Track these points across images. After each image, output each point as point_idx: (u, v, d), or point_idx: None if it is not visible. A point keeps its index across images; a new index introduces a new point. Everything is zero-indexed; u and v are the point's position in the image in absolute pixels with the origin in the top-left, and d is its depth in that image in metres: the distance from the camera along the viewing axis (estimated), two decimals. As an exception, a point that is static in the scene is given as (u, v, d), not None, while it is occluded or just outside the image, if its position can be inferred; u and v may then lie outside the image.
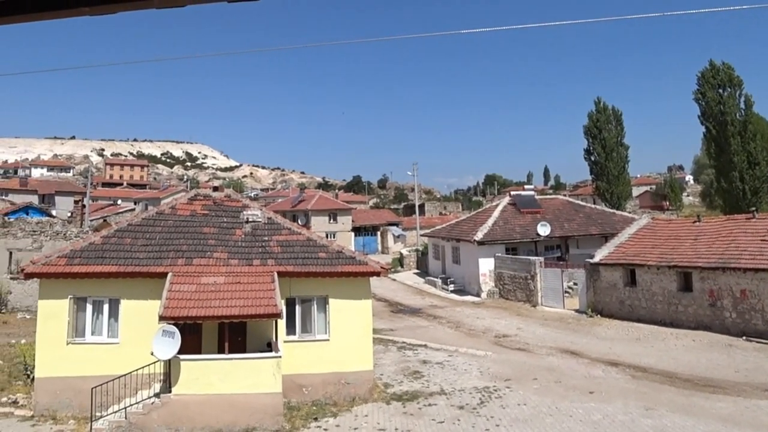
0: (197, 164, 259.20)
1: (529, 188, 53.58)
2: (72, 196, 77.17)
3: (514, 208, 41.94)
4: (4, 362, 21.76)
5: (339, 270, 18.41)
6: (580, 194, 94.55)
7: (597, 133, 62.70)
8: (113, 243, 18.32)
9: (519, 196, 44.02)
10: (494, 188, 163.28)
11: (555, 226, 39.12)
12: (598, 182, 63.75)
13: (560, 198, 49.59)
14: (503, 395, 17.93)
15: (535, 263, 34.07)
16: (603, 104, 63.69)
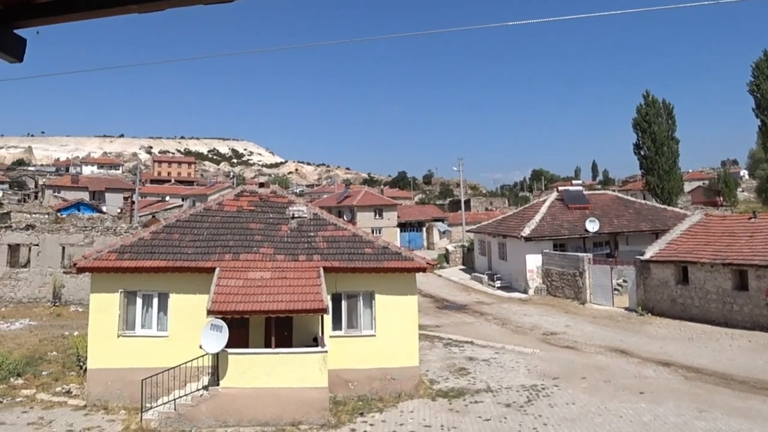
0: (243, 161, 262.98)
1: (577, 183, 52.63)
2: (121, 193, 79.07)
3: (561, 203, 41.27)
4: (58, 353, 22.32)
5: (385, 266, 18.30)
6: (630, 189, 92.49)
7: (646, 127, 61.10)
8: (162, 238, 18.59)
9: (567, 192, 43.28)
10: (541, 183, 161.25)
11: (604, 222, 38.33)
12: (648, 177, 62.14)
13: (609, 193, 48.66)
14: (551, 394, 17.58)
15: (584, 260, 33.41)
16: (652, 98, 62.01)
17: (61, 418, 16.05)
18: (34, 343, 24.16)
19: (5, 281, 33.66)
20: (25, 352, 22.14)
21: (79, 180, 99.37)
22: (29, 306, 32.84)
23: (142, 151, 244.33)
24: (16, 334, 26.18)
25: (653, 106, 61.62)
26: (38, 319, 29.61)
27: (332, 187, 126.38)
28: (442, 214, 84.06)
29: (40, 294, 33.70)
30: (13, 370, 19.39)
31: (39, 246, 34.38)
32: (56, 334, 25.90)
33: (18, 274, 34.11)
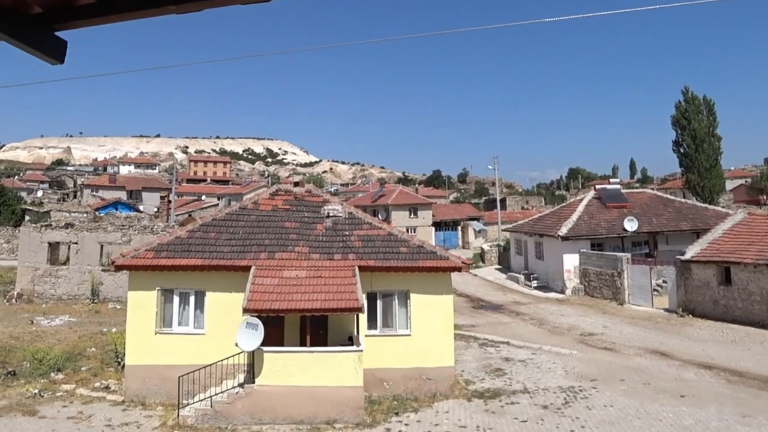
0: (278, 160, 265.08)
1: (614, 182, 51.67)
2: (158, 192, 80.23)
3: (599, 202, 40.65)
4: (97, 349, 22.72)
5: (420, 265, 18.21)
6: (669, 188, 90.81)
7: (686, 124, 59.80)
8: (198, 237, 18.78)
9: (604, 190, 42.58)
10: (578, 182, 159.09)
11: (643, 221, 37.65)
12: (688, 175, 60.84)
13: (648, 192, 47.70)
14: (589, 396, 17.30)
15: (622, 260, 32.84)
16: (691, 94, 60.64)
17: (100, 412, 16.33)
18: (73, 339, 24.62)
19: (46, 278, 34.36)
20: (65, 347, 22.56)
21: (117, 179, 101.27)
22: (69, 303, 33.47)
23: (178, 150, 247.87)
24: (56, 330, 26.72)
25: (693, 103, 60.30)
26: (77, 316, 30.16)
27: (367, 186, 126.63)
28: (477, 213, 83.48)
29: (79, 291, 34.32)
30: (53, 366, 19.78)
31: (78, 244, 34.99)
32: (95, 330, 26.35)
33: (58, 272, 34.78)
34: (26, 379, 18.89)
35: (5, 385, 18.33)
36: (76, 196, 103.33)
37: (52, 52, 2.99)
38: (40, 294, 34.08)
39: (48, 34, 2.93)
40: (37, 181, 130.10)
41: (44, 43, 2.92)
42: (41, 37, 2.90)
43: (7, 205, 67.82)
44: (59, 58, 3.03)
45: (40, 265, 34.58)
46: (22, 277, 34.43)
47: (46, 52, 2.95)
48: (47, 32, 2.92)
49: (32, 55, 2.91)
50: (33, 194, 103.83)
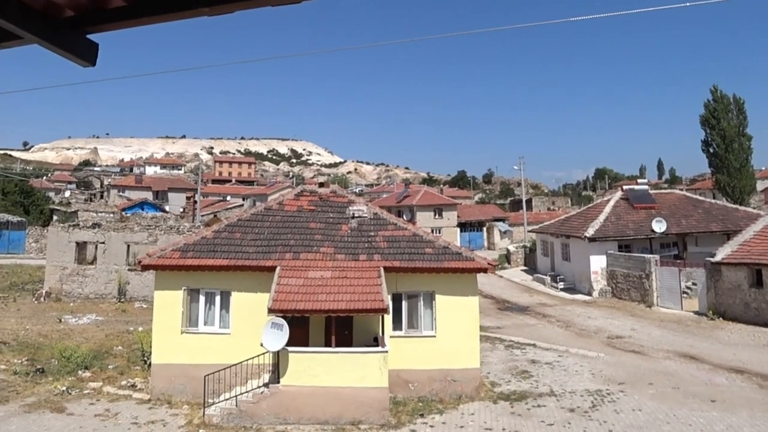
0: (302, 161, 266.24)
1: (642, 182, 50.87)
2: (184, 193, 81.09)
3: (626, 203, 40.13)
4: (124, 348, 22.96)
5: (445, 266, 18.11)
6: (698, 188, 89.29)
7: (715, 124, 58.67)
8: (224, 237, 18.88)
9: (632, 191, 41.99)
10: (605, 182, 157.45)
11: (671, 223, 37.08)
12: (717, 176, 59.69)
13: (676, 192, 47.01)
14: (617, 399, 17.07)
15: (650, 261, 32.39)
16: (720, 93, 59.44)
17: (127, 410, 16.49)
18: (100, 337, 24.90)
19: (73, 277, 34.78)
20: (92, 346, 22.82)
21: (143, 180, 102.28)
22: (96, 302, 33.84)
23: (203, 151, 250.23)
24: (83, 328, 27.03)
25: (722, 102, 59.16)
26: (104, 315, 30.49)
27: (391, 187, 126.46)
28: (502, 214, 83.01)
29: (106, 290, 34.66)
30: (81, 363, 20.02)
31: (105, 244, 35.33)
32: (121, 329, 26.63)
33: (85, 271, 35.16)
34: (54, 376, 19.14)
35: (34, 382, 18.61)
36: (102, 196, 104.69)
37: (84, 54, 3.01)
38: (67, 293, 34.49)
39: (80, 36, 2.95)
40: (64, 181, 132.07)
41: (76, 46, 2.95)
42: (73, 40, 2.92)
43: (35, 205, 68.89)
44: (91, 60, 3.06)
45: (68, 264, 34.98)
46: (51, 276, 34.87)
47: (79, 55, 2.97)
48: (79, 35, 2.94)
49: (65, 57, 2.94)
50: (61, 194, 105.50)
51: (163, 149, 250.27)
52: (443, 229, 68.00)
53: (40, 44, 2.80)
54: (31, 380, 18.81)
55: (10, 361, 20.86)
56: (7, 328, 26.25)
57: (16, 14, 2.65)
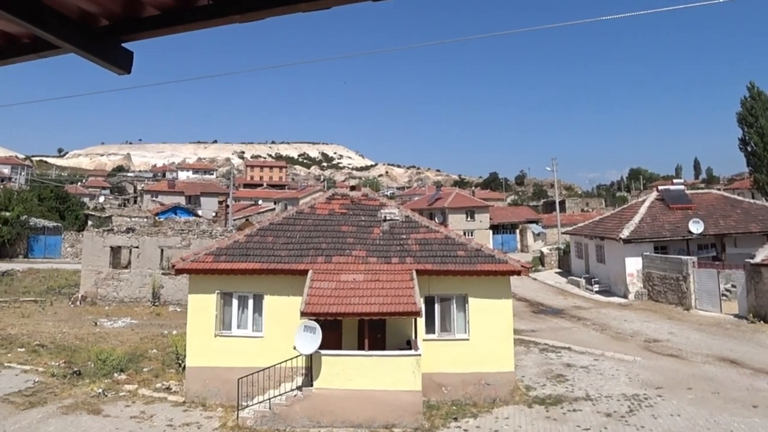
0: (333, 164, 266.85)
1: (678, 182, 49.93)
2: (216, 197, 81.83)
3: (662, 203, 39.40)
4: (158, 351, 23.21)
5: (478, 268, 17.97)
6: (737, 188, 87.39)
7: (753, 122, 57.28)
8: (256, 241, 18.99)
9: (667, 191, 41.21)
10: (639, 183, 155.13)
11: (709, 223, 36.29)
12: (756, 175, 58.28)
13: (714, 192, 45.99)
14: (654, 404, 16.76)
15: (688, 263, 31.74)
16: (757, 90, 57.95)
17: (162, 412, 16.69)
18: (135, 340, 25.21)
19: (108, 281, 35.28)
20: (128, 349, 23.12)
21: (176, 185, 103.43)
22: (130, 305, 34.31)
23: (234, 156, 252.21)
24: (118, 331, 27.43)
25: (759, 99, 57.73)
26: (139, 318, 30.92)
27: (423, 189, 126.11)
28: (535, 216, 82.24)
29: (140, 294, 35.10)
30: (116, 366, 20.32)
31: (139, 248, 35.80)
32: (156, 332, 26.96)
33: (120, 275, 35.65)
34: (91, 378, 19.45)
35: (71, 384, 18.94)
36: (136, 201, 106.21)
37: (120, 62, 3.08)
38: (103, 296, 35.01)
39: (115, 45, 3.01)
40: (98, 187, 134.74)
41: (112, 55, 3.01)
42: (109, 49, 2.99)
43: (70, 211, 70.10)
44: (126, 68, 3.11)
45: (103, 268, 35.48)
46: (86, 280, 35.44)
47: (115, 63, 3.04)
48: (115, 44, 3.00)
49: (101, 66, 2.99)
50: (95, 200, 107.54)
51: (195, 154, 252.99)
52: (475, 232, 67.53)
53: (78, 53, 2.85)
54: (68, 382, 19.15)
55: (47, 363, 21.28)
56: (45, 331, 26.77)
57: (55, 25, 2.71)
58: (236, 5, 2.69)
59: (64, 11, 2.79)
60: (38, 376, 19.91)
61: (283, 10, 2.65)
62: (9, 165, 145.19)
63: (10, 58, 3.18)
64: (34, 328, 27.52)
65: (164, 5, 2.80)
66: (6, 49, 3.19)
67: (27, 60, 3.20)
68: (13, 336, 25.62)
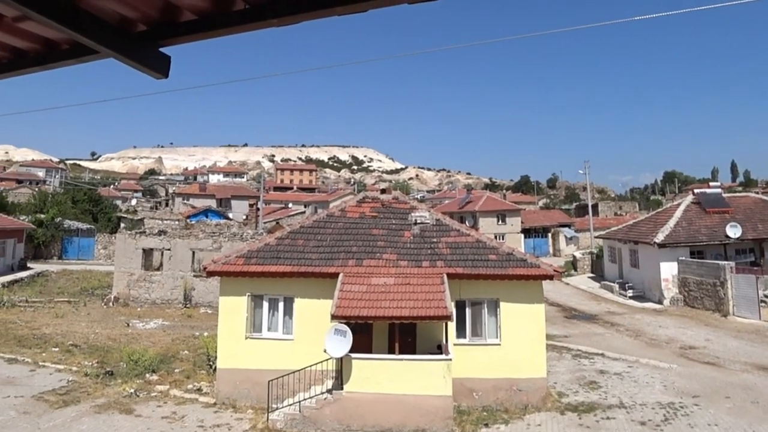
0: (363, 167, 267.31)
1: (714, 185, 48.99)
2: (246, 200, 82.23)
3: (698, 207, 38.65)
4: (189, 352, 23.44)
5: (510, 272, 17.79)
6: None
7: (793, 123, 56.04)
8: (287, 244, 19.05)
9: (703, 194, 40.40)
10: (674, 186, 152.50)
11: (747, 228, 35.50)
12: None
13: (752, 196, 44.96)
14: (690, 413, 16.37)
15: (725, 268, 31.03)
16: (797, 90, 56.75)
17: (193, 413, 16.83)
18: (167, 342, 25.50)
19: (140, 283, 35.77)
20: (159, 350, 23.38)
21: (207, 188, 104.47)
22: (162, 307, 34.76)
23: (264, 159, 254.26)
24: (150, 332, 27.79)
25: (799, 100, 56.46)
26: (170, 320, 31.29)
27: (453, 193, 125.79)
28: (568, 220, 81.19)
29: (171, 296, 35.54)
30: (148, 367, 20.56)
31: (171, 250, 36.24)
32: (187, 334, 27.25)
33: (152, 277, 36.14)
34: (123, 378, 19.71)
35: (104, 384, 19.20)
36: (168, 204, 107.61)
37: (158, 67, 3.09)
38: (135, 298, 35.51)
39: (153, 50, 3.03)
40: (131, 190, 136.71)
41: (150, 59, 3.03)
42: (147, 54, 3.01)
43: (103, 213, 71.18)
44: (164, 72, 3.14)
45: (135, 270, 36.01)
46: (119, 282, 35.98)
47: (152, 68, 3.06)
48: (152, 48, 3.02)
49: (139, 70, 3.02)
50: (127, 203, 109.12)
51: (225, 158, 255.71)
52: (507, 236, 67.00)
53: (117, 58, 2.89)
54: (101, 382, 19.42)
55: (81, 363, 21.63)
56: (78, 331, 27.23)
57: (95, 30, 2.74)
58: (273, 9, 2.69)
59: (104, 17, 2.82)
60: (72, 375, 20.24)
61: (319, 13, 2.64)
62: (44, 168, 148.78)
63: (50, 63, 3.23)
64: (68, 328, 28.02)
65: (201, 10, 2.81)
66: (47, 55, 3.23)
67: (66, 65, 3.24)
68: (47, 336, 26.10)
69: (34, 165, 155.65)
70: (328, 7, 2.60)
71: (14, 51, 3.29)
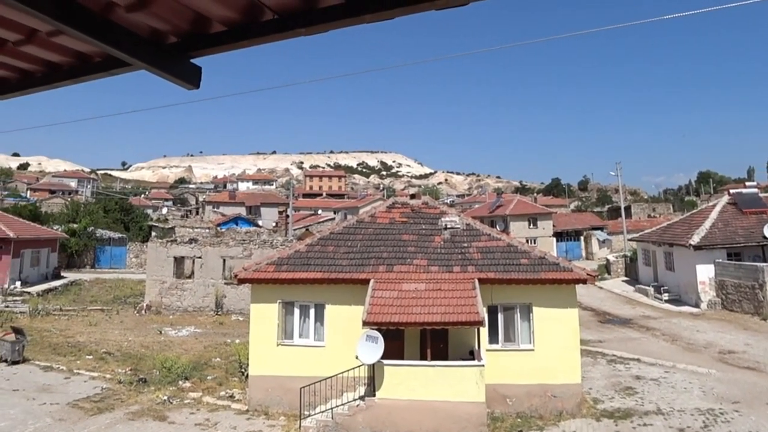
0: (392, 173, 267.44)
1: (750, 185, 47.85)
2: (276, 207, 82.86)
3: (734, 208, 37.80)
4: (222, 359, 23.60)
5: (542, 277, 17.57)
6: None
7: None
8: (317, 251, 19.08)
9: (740, 195, 39.52)
10: (709, 186, 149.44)
11: (786, 228, 34.66)
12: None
13: (791, 195, 43.99)
14: (731, 420, 15.98)
15: (764, 270, 30.25)
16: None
17: (225, 420, 16.91)
18: (199, 349, 25.70)
19: (172, 291, 36.12)
20: (192, 357, 23.59)
21: (236, 196, 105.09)
22: (194, 314, 35.05)
23: (293, 166, 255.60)
24: (183, 340, 28.05)
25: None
26: (202, 327, 31.52)
27: (483, 197, 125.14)
28: (600, 222, 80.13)
29: (203, 303, 35.79)
30: (181, 374, 20.75)
31: (201, 258, 36.55)
32: (219, 341, 27.42)
33: (183, 285, 36.47)
34: (156, 386, 19.90)
35: (137, 391, 19.41)
36: (198, 212, 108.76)
37: (189, 78, 3.13)
38: (167, 306, 35.86)
39: (184, 61, 3.07)
40: (161, 198, 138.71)
41: (181, 71, 3.07)
42: (178, 65, 3.05)
43: (135, 222, 72.27)
44: (195, 83, 3.18)
45: (167, 278, 36.37)
46: (151, 290, 36.37)
47: (184, 79, 3.10)
48: (184, 60, 3.06)
49: (171, 81, 3.06)
50: (158, 211, 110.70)
51: (254, 165, 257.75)
52: (538, 239, 66.34)
53: (149, 70, 2.93)
54: (134, 389, 19.63)
55: (114, 370, 21.90)
56: (112, 339, 27.60)
57: (127, 43, 2.78)
58: (301, 19, 2.70)
59: (136, 30, 2.87)
60: (106, 382, 20.50)
61: (347, 21, 2.65)
62: (76, 178, 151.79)
63: (83, 76, 3.27)
64: (102, 336, 28.42)
65: (231, 21, 2.84)
66: (80, 68, 3.28)
67: (99, 77, 3.29)
68: (81, 344, 26.49)
69: (66, 175, 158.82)
70: (357, 15, 2.60)
71: (48, 65, 3.34)
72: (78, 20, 2.54)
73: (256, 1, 2.68)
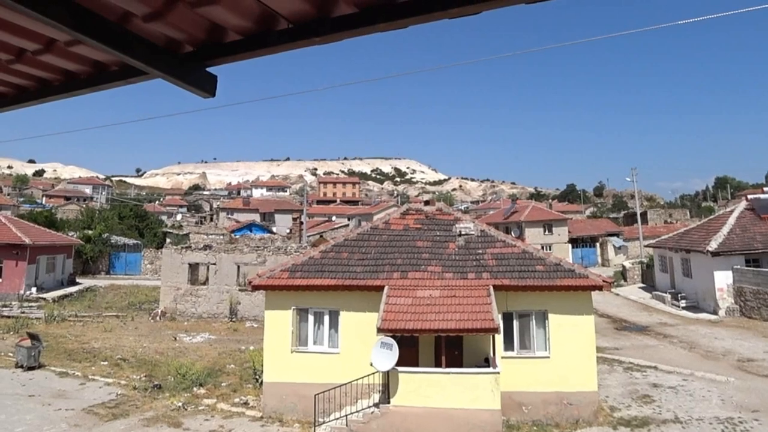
0: (406, 179, 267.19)
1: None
2: (290, 214, 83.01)
3: (752, 213, 37.38)
4: (236, 366, 23.63)
5: (558, 283, 17.46)
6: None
7: None
8: (331, 257, 19.07)
9: (758, 200, 39.06)
10: (727, 192, 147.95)
11: (805, 234, 34.23)
12: None
13: (809, 201, 43.40)
14: (751, 429, 15.78)
15: (783, 277, 29.96)
16: None
17: (240, 427, 16.91)
18: (213, 355, 25.76)
19: (187, 297, 36.25)
20: (206, 363, 23.65)
21: (250, 202, 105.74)
22: (208, 321, 35.17)
23: (307, 173, 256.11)
24: (197, 346, 28.11)
25: None
26: (217, 334, 31.60)
27: (497, 203, 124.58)
28: (616, 228, 79.50)
29: (218, 310, 35.88)
30: (196, 380, 20.81)
31: (216, 265, 36.65)
32: (233, 348, 27.48)
33: (198, 291, 36.61)
34: (171, 392, 19.96)
35: (152, 398, 19.48)
36: (212, 219, 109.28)
37: (205, 86, 3.15)
38: (181, 312, 36.00)
39: (200, 70, 3.09)
40: (176, 205, 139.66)
41: (197, 79, 3.09)
42: (194, 74, 3.07)
43: (149, 229, 72.58)
44: (211, 92, 3.21)
45: (182, 285, 36.51)
46: (165, 296, 36.56)
47: (200, 87, 3.12)
48: (200, 69, 3.08)
49: (187, 90, 3.09)
50: (173, 218, 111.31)
51: (268, 172, 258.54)
52: (554, 246, 65.97)
53: (165, 79, 2.96)
54: (149, 395, 19.70)
55: (129, 376, 22.01)
56: (126, 345, 27.75)
57: (144, 52, 2.81)
58: (316, 28, 2.71)
59: (152, 39, 2.89)
60: (120, 388, 20.60)
61: (362, 30, 2.65)
62: (91, 185, 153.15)
63: (100, 85, 3.30)
64: (117, 342, 28.58)
65: (246, 30, 2.84)
66: (96, 77, 3.31)
67: (115, 86, 3.32)
68: (96, 349, 26.66)
69: (81, 182, 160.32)
70: (370, 24, 2.60)
71: (66, 74, 3.38)
72: (95, 30, 2.57)
73: (271, 10, 2.68)
